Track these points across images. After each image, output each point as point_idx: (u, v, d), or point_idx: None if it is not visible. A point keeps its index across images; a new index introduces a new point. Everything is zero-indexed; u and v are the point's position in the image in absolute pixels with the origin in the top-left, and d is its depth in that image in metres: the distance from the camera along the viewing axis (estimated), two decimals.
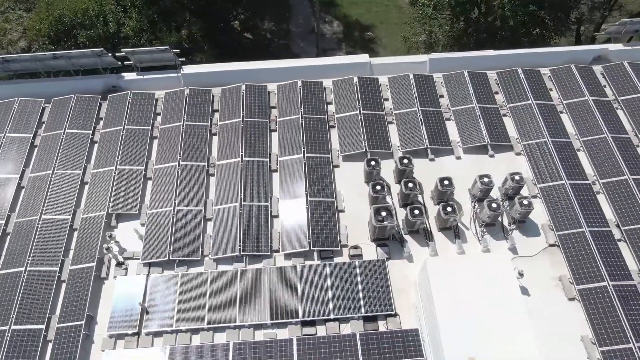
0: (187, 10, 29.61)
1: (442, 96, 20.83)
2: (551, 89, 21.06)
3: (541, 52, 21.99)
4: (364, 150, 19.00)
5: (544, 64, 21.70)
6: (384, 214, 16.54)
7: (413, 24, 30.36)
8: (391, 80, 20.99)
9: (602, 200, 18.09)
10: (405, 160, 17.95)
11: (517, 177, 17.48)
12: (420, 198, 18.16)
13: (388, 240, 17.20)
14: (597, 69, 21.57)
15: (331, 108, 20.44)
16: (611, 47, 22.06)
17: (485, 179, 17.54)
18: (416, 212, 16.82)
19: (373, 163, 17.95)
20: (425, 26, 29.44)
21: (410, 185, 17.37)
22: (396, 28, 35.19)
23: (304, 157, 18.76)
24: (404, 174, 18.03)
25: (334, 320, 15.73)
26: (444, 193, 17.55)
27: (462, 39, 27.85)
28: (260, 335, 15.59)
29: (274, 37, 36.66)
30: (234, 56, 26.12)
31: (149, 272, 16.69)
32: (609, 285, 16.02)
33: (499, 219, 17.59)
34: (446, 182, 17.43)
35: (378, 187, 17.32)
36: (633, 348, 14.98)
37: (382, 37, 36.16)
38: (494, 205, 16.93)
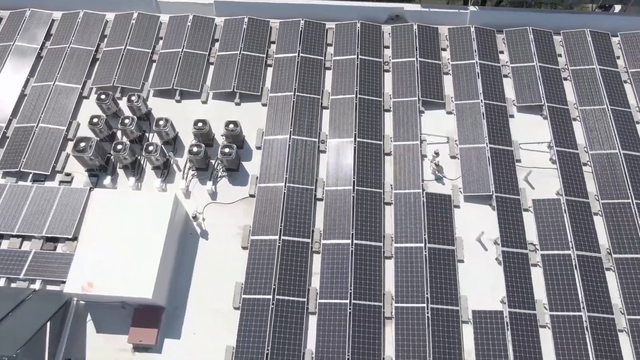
0: None
1: (217, 40, 20.78)
2: (330, 44, 20.61)
3: (333, 6, 21.24)
4: (112, 85, 19.47)
5: (340, 18, 21.11)
6: (82, 144, 17.22)
7: None
8: (171, 19, 21.01)
9: (323, 158, 18.10)
10: (132, 99, 18.35)
11: (231, 126, 17.72)
12: (151, 136, 18.70)
13: (100, 171, 17.96)
14: (387, 29, 20.87)
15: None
16: (407, 6, 21.10)
17: (200, 124, 17.81)
18: (119, 147, 17.39)
19: (103, 97, 18.45)
20: None
21: (127, 121, 17.87)
22: None
23: (53, 86, 19.50)
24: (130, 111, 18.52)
25: (17, 236, 16.88)
26: (160, 134, 18.00)
27: None
28: None
29: None
30: None
31: None
32: (279, 240, 16.35)
33: (213, 163, 18.00)
34: (161, 123, 17.83)
35: (95, 120, 17.91)
36: (270, 300, 15.49)
37: None
38: (194, 149, 17.29)
